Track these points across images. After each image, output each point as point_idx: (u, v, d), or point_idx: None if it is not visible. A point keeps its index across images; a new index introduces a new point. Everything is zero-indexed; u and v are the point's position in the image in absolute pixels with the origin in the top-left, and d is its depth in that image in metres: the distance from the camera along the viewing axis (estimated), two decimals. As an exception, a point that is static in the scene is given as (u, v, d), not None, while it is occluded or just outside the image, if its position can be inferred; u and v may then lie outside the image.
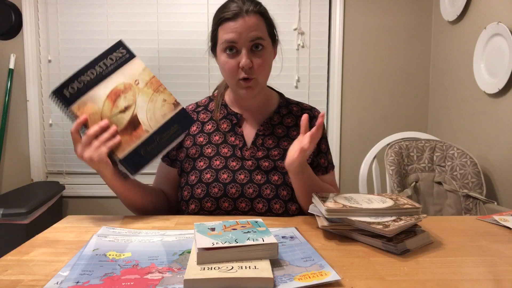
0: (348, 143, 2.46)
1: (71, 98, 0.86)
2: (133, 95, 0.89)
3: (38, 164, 2.43)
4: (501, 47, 1.69)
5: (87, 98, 0.87)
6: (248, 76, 0.96)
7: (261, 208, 0.97)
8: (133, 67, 0.91)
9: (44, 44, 2.38)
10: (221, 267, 0.58)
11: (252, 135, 1.05)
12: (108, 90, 0.88)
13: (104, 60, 0.89)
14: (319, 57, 2.42)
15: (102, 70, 0.88)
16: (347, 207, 0.78)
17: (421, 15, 2.39)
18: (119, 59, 0.90)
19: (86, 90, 0.87)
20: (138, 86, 0.90)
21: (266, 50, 0.98)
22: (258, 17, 0.96)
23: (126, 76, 0.90)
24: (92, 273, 0.60)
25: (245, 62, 0.94)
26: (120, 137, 0.87)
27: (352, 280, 0.60)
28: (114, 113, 0.88)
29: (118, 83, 0.89)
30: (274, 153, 1.02)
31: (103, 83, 0.88)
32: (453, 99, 2.13)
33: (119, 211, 2.44)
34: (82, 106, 0.86)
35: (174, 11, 2.37)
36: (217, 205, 0.97)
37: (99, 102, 0.87)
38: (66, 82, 0.86)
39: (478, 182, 1.65)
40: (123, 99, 0.89)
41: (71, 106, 0.86)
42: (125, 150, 0.88)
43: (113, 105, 0.88)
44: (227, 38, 0.95)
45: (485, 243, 0.77)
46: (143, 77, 0.91)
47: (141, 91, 0.90)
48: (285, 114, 1.09)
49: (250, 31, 0.94)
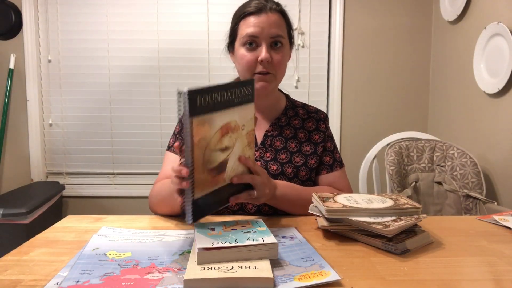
0: (348, 143, 2.46)
1: (199, 108, 0.71)
2: (236, 138, 0.80)
3: (38, 164, 2.43)
4: (501, 47, 1.69)
5: (208, 118, 0.73)
6: (267, 70, 0.97)
7: (268, 211, 0.99)
8: (248, 111, 0.82)
9: (44, 44, 2.38)
10: (221, 267, 0.58)
11: (261, 135, 1.06)
12: (223, 122, 0.77)
13: (236, 90, 0.78)
14: (319, 57, 2.42)
15: (229, 99, 0.77)
16: (347, 207, 0.78)
17: (421, 15, 2.39)
18: (245, 96, 0.81)
19: (212, 110, 0.74)
20: (242, 132, 0.82)
21: (284, 49, 1.00)
22: (280, 16, 1.00)
23: (240, 117, 0.80)
24: (92, 272, 0.60)
25: (265, 56, 0.95)
26: (200, 173, 0.74)
27: (352, 280, 0.60)
28: (217, 148, 0.76)
29: (232, 119, 0.79)
30: (282, 156, 1.03)
31: (225, 112, 0.77)
32: (453, 99, 2.13)
33: (119, 211, 2.45)
34: (201, 124, 0.72)
35: (174, 11, 2.37)
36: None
37: (214, 129, 0.75)
38: (204, 89, 0.72)
39: (478, 182, 1.65)
40: (228, 138, 0.78)
41: (194, 117, 0.71)
42: (203, 191, 0.75)
43: (220, 139, 0.77)
44: (248, 32, 0.97)
45: (485, 243, 0.77)
46: (248, 126, 0.83)
47: (241, 138, 0.82)
48: (292, 116, 1.10)
49: (272, 27, 0.96)
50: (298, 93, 2.41)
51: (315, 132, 1.08)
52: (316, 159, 1.06)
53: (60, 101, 2.42)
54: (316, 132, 1.08)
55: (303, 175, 1.03)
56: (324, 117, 1.12)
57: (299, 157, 1.04)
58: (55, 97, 2.42)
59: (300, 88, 2.43)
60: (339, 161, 1.10)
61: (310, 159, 1.05)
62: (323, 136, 1.08)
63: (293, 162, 1.03)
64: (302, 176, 1.03)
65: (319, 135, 1.08)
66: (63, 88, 2.41)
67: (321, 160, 1.07)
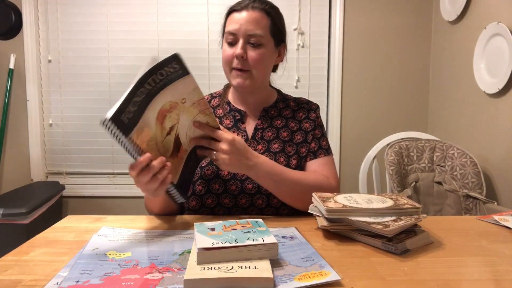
0: (348, 143, 2.46)
1: (129, 124, 0.71)
2: (177, 113, 0.80)
3: (38, 164, 2.43)
4: (501, 47, 1.69)
5: (143, 123, 0.73)
6: (242, 67, 0.98)
7: (261, 204, 0.99)
8: (184, 85, 0.78)
9: (44, 44, 2.38)
10: (221, 267, 0.58)
11: (251, 130, 1.06)
12: (156, 111, 0.76)
13: (154, 76, 0.74)
14: (319, 57, 2.42)
15: (151, 87, 0.74)
16: (347, 207, 0.78)
17: (421, 15, 2.39)
18: (170, 74, 0.76)
19: (140, 114, 0.73)
20: (184, 105, 0.80)
21: (263, 48, 0.99)
22: (263, 14, 0.99)
23: (174, 94, 0.77)
24: (92, 272, 0.60)
25: (238, 52, 0.96)
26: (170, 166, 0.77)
27: (352, 280, 0.60)
28: (164, 136, 0.78)
29: (165, 102, 0.77)
30: (275, 146, 1.04)
31: (152, 103, 0.75)
32: (453, 99, 2.13)
33: (119, 211, 2.45)
34: (140, 132, 0.73)
35: (174, 11, 2.37)
36: (218, 202, 0.98)
37: (152, 125, 0.75)
38: (122, 106, 0.70)
39: (478, 182, 1.65)
40: (168, 119, 0.79)
41: (130, 134, 0.71)
42: (177, 173, 0.82)
43: (161, 127, 0.78)
44: (229, 29, 0.99)
45: (485, 243, 0.77)
46: (191, 97, 0.80)
47: (186, 110, 0.81)
48: (282, 107, 1.10)
49: (250, 25, 0.97)
50: (298, 93, 2.41)
51: (305, 120, 1.09)
52: (307, 147, 1.06)
53: (60, 101, 2.42)
54: (307, 121, 1.09)
55: (295, 163, 1.03)
56: (315, 107, 1.13)
57: (290, 146, 1.05)
58: (55, 97, 2.42)
59: (300, 88, 2.43)
60: (325, 149, 1.08)
61: (300, 147, 1.05)
62: (313, 124, 1.09)
63: (285, 152, 1.04)
64: (293, 165, 1.03)
65: (310, 123, 1.08)
66: (63, 88, 2.41)
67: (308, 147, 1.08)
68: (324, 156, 1.07)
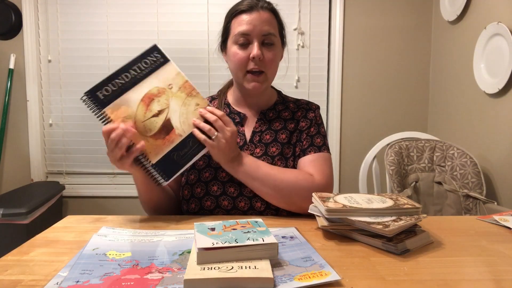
0: (348, 143, 2.46)
1: (104, 100, 0.84)
2: (167, 99, 0.89)
3: (38, 164, 2.43)
4: (501, 47, 1.69)
5: (121, 101, 0.85)
6: (258, 68, 0.97)
7: (260, 207, 0.98)
8: (167, 72, 0.90)
9: (44, 44, 2.38)
10: (221, 267, 0.58)
11: (250, 133, 1.06)
12: (142, 94, 0.87)
13: (139, 64, 0.88)
14: (319, 57, 2.42)
15: (136, 73, 0.87)
16: (347, 207, 0.78)
17: (421, 15, 2.39)
18: (154, 63, 0.89)
19: (120, 93, 0.85)
20: (171, 90, 0.89)
21: (276, 48, 1.00)
22: (272, 14, 1.00)
23: (160, 80, 0.89)
24: (92, 272, 0.60)
25: (257, 52, 0.95)
26: (144, 142, 0.84)
27: (352, 280, 0.60)
28: (148, 117, 0.86)
29: (151, 87, 0.88)
30: (273, 149, 1.03)
31: (137, 87, 0.87)
32: (453, 99, 2.13)
33: (119, 211, 2.45)
34: (115, 109, 0.85)
35: (174, 11, 2.37)
36: (216, 204, 0.98)
37: (133, 105, 0.86)
38: (100, 84, 0.85)
39: (478, 182, 1.65)
40: (156, 103, 0.88)
41: (104, 109, 0.84)
42: (158, 154, 0.87)
43: (147, 109, 0.87)
44: (240, 30, 0.97)
45: (485, 243, 0.77)
46: (177, 82, 0.90)
47: (175, 95, 0.90)
48: (281, 109, 1.09)
49: (264, 25, 0.97)
50: (298, 93, 2.41)
51: (302, 119, 1.07)
52: (300, 145, 1.05)
53: (60, 101, 2.42)
54: (303, 120, 1.07)
55: (292, 165, 1.02)
56: (315, 107, 1.11)
57: (288, 148, 1.04)
58: (55, 97, 2.42)
59: (300, 88, 2.43)
60: (317, 146, 1.03)
61: (295, 147, 1.04)
62: (309, 123, 1.06)
63: (283, 154, 1.02)
64: (291, 166, 1.02)
65: (306, 122, 1.06)
66: (63, 88, 2.41)
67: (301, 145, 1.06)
68: (314, 153, 1.02)
